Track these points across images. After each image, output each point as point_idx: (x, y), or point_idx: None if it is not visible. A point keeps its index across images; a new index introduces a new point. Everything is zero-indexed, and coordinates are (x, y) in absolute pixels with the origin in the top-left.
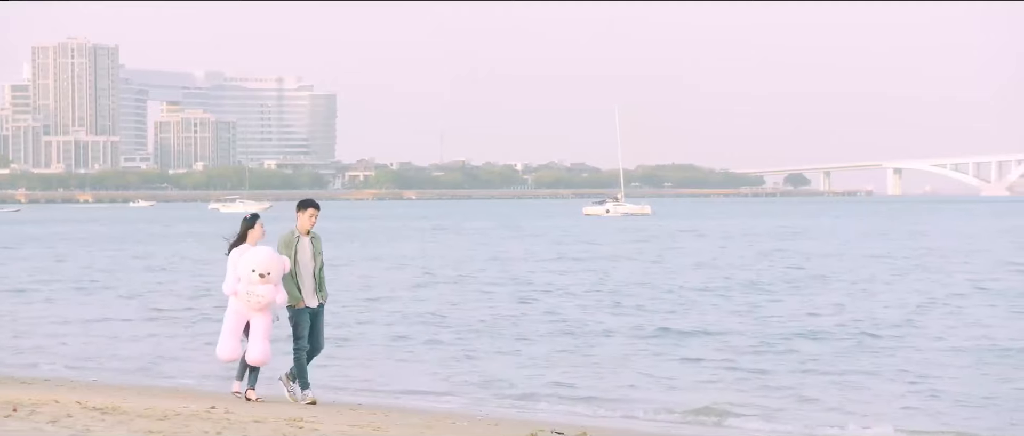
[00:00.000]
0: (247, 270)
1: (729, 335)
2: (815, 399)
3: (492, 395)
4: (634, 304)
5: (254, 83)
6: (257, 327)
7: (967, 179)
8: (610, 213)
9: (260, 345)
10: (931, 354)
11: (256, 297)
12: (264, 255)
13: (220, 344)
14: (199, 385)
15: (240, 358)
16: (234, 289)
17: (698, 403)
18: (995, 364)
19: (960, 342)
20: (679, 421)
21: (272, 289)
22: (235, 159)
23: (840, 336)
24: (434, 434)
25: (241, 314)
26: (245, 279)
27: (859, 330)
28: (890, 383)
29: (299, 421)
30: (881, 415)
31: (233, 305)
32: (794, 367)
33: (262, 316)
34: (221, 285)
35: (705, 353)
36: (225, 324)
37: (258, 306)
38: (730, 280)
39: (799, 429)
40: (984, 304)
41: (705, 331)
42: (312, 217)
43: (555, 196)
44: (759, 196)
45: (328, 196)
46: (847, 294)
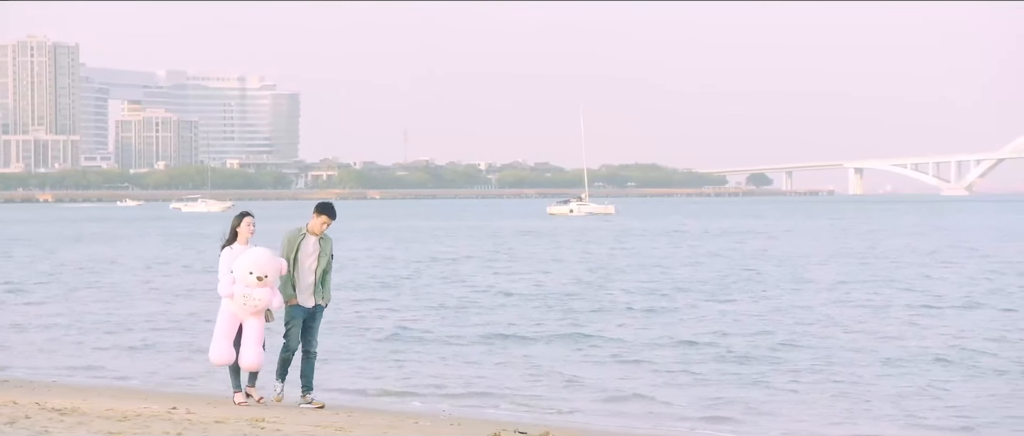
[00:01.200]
0: (244, 272)
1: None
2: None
3: (448, 395)
4: (568, 306)
5: (216, 82)
6: (251, 331)
7: (927, 179)
8: (574, 213)
9: (254, 350)
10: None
11: (253, 300)
12: (262, 257)
13: (213, 347)
14: (160, 386)
15: (232, 364)
16: (230, 291)
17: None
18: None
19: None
20: (641, 418)
21: (269, 292)
22: (197, 159)
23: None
24: (398, 434)
25: (235, 317)
26: (242, 281)
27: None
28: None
29: (261, 421)
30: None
31: (227, 307)
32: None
33: (256, 320)
34: (197, 285)
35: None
36: (218, 326)
37: (254, 310)
38: (662, 282)
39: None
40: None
41: (606, 336)
42: (324, 224)
43: (519, 196)
44: (722, 195)
45: (291, 196)
46: (753, 301)
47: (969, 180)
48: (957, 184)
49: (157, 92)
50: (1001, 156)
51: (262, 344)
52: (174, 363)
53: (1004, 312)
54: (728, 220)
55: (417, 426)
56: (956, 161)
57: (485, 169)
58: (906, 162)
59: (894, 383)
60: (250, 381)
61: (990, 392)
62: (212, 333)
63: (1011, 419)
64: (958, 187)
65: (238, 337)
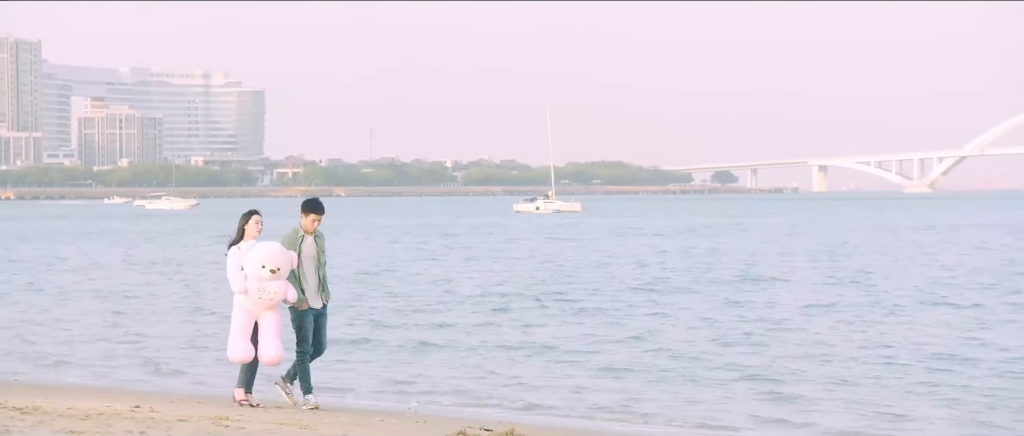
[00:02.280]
0: (256, 266)
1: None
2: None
3: (413, 392)
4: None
5: (181, 79)
6: (268, 326)
7: (890, 176)
8: (540, 210)
9: (272, 344)
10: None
11: (268, 294)
12: (273, 250)
13: (231, 345)
14: (123, 384)
15: (249, 362)
16: (244, 287)
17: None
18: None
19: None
20: (609, 418)
21: (283, 285)
22: (161, 156)
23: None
24: (363, 432)
25: (251, 313)
26: (254, 275)
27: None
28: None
29: (225, 420)
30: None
31: (241, 303)
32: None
33: (272, 314)
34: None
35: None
36: (234, 324)
37: (269, 303)
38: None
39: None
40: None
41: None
42: (314, 221)
43: (486, 193)
44: (687, 193)
45: (256, 193)
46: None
47: (932, 177)
48: (920, 181)
49: (121, 89)
50: (963, 154)
51: (280, 338)
52: (136, 364)
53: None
54: (685, 218)
55: (382, 424)
56: (919, 159)
57: (451, 167)
58: (870, 160)
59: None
60: (241, 380)
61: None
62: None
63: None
64: (921, 184)
65: (254, 334)
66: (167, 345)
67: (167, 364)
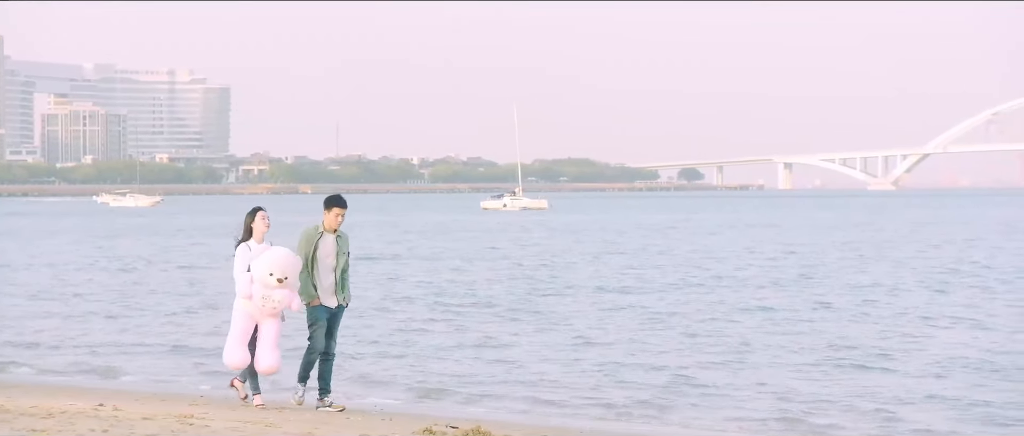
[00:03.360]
0: (264, 273)
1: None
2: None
3: (377, 390)
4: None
5: (145, 76)
6: (267, 333)
7: (855, 174)
8: (508, 208)
9: (271, 353)
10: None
11: (272, 302)
12: (283, 258)
13: (228, 350)
14: (86, 382)
15: (247, 366)
16: (248, 292)
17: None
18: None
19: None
20: (571, 415)
21: (288, 294)
22: (126, 153)
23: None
24: (329, 430)
25: (252, 317)
26: (261, 282)
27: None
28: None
29: (189, 417)
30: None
31: (243, 307)
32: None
33: (274, 321)
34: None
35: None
36: (233, 327)
37: (272, 311)
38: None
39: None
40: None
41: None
42: (338, 216)
43: (452, 190)
44: (654, 190)
45: (222, 190)
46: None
47: (895, 175)
48: (884, 179)
49: (84, 85)
50: (926, 151)
51: (279, 346)
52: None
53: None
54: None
55: (348, 421)
56: (883, 156)
57: (418, 164)
58: (834, 157)
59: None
60: (254, 386)
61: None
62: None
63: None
64: (885, 182)
65: (253, 339)
66: (127, 341)
67: (121, 361)
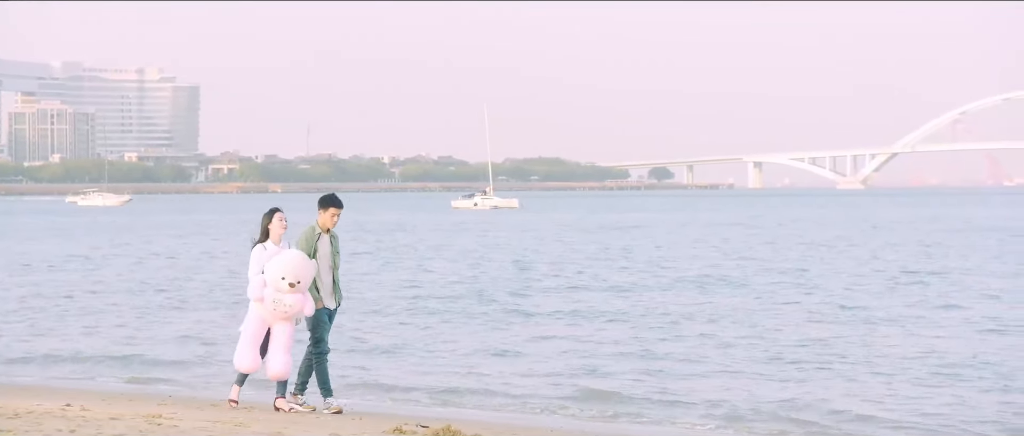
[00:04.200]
0: (276, 277)
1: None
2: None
3: (347, 390)
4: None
5: (114, 74)
6: (279, 337)
7: (824, 172)
8: (478, 207)
9: (282, 357)
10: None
11: (284, 306)
12: (297, 261)
13: (239, 354)
14: (53, 382)
15: (257, 369)
16: (260, 295)
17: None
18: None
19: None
20: (539, 410)
21: (301, 298)
22: (94, 152)
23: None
24: (298, 429)
25: (264, 322)
26: (273, 285)
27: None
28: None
29: (158, 418)
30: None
31: (255, 311)
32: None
33: (286, 326)
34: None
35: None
36: (245, 331)
37: (284, 316)
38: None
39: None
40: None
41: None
42: (334, 216)
43: (423, 189)
44: (624, 189)
45: (191, 189)
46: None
47: (864, 174)
48: (853, 178)
49: (52, 84)
50: (894, 150)
51: (290, 351)
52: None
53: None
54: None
55: (318, 421)
56: (852, 155)
57: (388, 163)
58: (804, 156)
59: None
60: (279, 391)
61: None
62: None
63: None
64: (854, 180)
65: (264, 343)
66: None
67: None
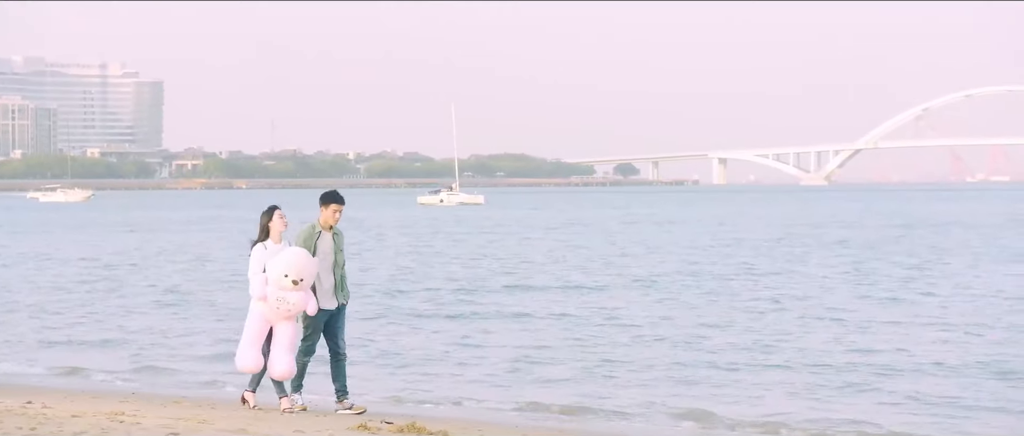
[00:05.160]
0: (279, 275)
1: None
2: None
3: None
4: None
5: (76, 69)
6: (282, 337)
7: (788, 169)
8: (444, 203)
9: (285, 357)
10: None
11: (287, 304)
12: (300, 259)
13: (241, 353)
14: (13, 380)
15: (260, 370)
16: (263, 293)
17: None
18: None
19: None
20: (509, 409)
21: (304, 296)
22: (56, 147)
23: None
24: (263, 426)
25: (267, 321)
26: (275, 283)
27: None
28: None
29: (120, 415)
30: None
31: (257, 310)
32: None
33: (289, 324)
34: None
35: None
36: (247, 330)
37: (287, 314)
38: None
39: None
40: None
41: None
42: (336, 213)
43: (389, 185)
44: (590, 186)
45: (154, 185)
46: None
47: (828, 170)
48: (816, 174)
49: (13, 79)
50: (858, 147)
51: (293, 351)
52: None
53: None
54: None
55: (282, 418)
56: (815, 152)
57: (354, 159)
58: (768, 152)
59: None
60: (280, 390)
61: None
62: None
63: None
64: (817, 177)
65: (267, 342)
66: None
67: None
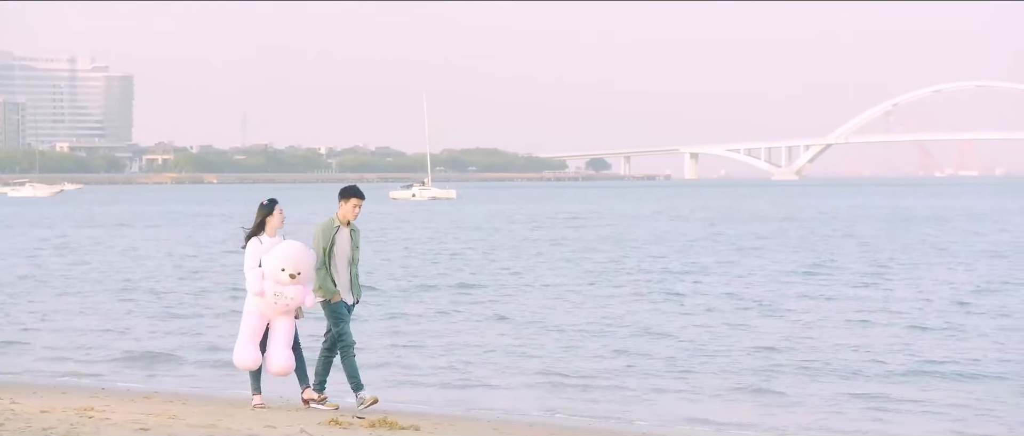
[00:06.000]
0: (276, 269)
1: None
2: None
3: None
4: None
5: (45, 63)
6: (280, 332)
7: (759, 164)
8: (417, 197)
9: (283, 352)
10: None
11: (285, 299)
12: (296, 251)
13: (238, 350)
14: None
15: (259, 367)
16: (260, 288)
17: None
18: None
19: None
20: (474, 406)
21: (302, 290)
22: (25, 142)
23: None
24: (233, 421)
25: (264, 316)
26: (272, 278)
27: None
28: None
29: (89, 410)
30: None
31: (254, 305)
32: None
33: (287, 320)
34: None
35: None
36: (244, 326)
37: (285, 309)
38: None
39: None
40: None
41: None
42: (356, 207)
43: (361, 180)
44: (562, 180)
45: (124, 180)
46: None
47: (798, 165)
48: (787, 169)
49: None
50: (828, 142)
51: (292, 346)
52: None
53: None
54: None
55: (253, 413)
56: (786, 146)
57: (325, 154)
58: (739, 147)
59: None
60: (303, 382)
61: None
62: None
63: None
64: (788, 171)
65: (264, 338)
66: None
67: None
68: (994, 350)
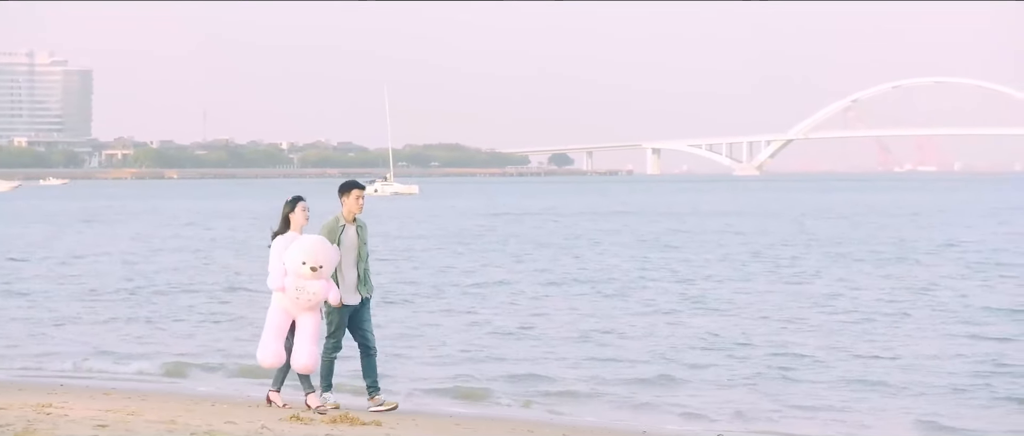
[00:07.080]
0: (296, 262)
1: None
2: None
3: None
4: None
5: (2, 58)
6: (305, 329)
7: (721, 159)
8: (379, 193)
9: (308, 349)
10: None
11: (307, 294)
12: (315, 245)
13: (262, 347)
14: None
15: (282, 365)
16: (281, 284)
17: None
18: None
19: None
20: (440, 404)
21: (325, 284)
22: None
23: None
24: (193, 418)
25: (287, 313)
26: (293, 272)
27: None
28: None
29: (48, 407)
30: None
31: (278, 302)
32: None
33: (311, 315)
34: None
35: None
36: (268, 324)
37: (308, 304)
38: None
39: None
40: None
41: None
42: (359, 199)
43: (322, 176)
44: (524, 175)
45: (84, 175)
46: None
47: (759, 160)
48: (748, 164)
49: None
50: (789, 137)
51: (317, 343)
52: None
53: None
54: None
55: (214, 409)
56: (747, 142)
57: (287, 149)
58: (701, 143)
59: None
60: (306, 385)
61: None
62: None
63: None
64: (749, 167)
65: (289, 335)
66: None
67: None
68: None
